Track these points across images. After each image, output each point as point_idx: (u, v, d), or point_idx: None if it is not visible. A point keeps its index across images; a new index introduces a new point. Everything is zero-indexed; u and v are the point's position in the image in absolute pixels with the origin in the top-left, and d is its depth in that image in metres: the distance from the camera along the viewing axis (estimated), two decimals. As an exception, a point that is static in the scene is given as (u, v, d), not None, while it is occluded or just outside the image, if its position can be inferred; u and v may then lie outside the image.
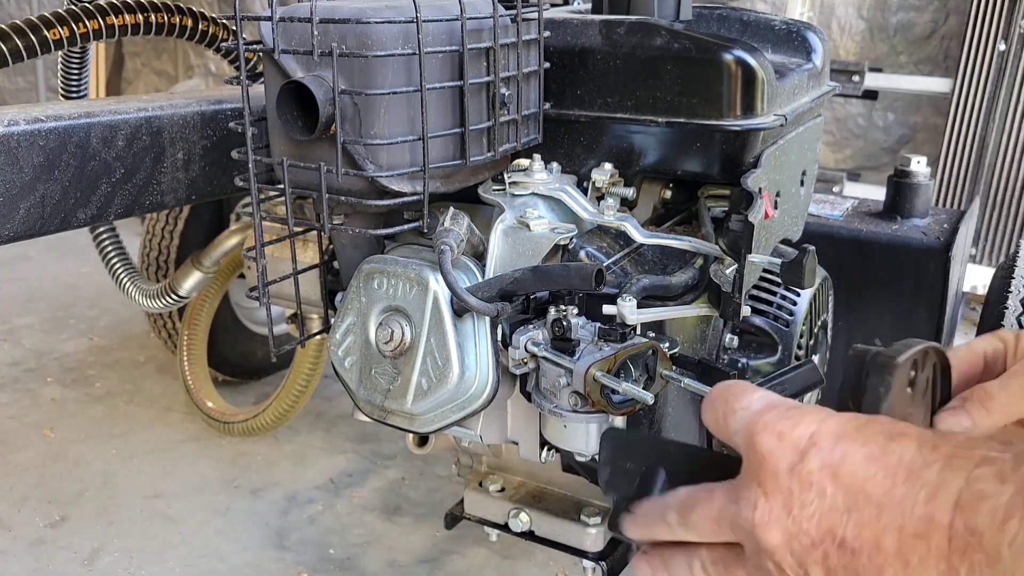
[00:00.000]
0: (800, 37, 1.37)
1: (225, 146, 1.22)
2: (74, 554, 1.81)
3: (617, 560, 1.27)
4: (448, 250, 0.99)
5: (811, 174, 1.35)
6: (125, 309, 3.01)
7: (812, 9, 3.31)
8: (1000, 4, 2.84)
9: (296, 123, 0.95)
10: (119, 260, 1.82)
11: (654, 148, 1.12)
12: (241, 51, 0.95)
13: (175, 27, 1.47)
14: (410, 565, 1.79)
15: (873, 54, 3.31)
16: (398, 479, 2.09)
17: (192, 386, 2.07)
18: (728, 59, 1.06)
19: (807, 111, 1.25)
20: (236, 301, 2.38)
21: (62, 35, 1.28)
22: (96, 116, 1.08)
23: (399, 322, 1.03)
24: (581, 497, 1.29)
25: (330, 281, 1.25)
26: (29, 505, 1.96)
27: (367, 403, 1.09)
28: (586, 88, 1.14)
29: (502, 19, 1.02)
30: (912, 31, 3.24)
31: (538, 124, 1.12)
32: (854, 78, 2.98)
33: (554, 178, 1.11)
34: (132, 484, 2.05)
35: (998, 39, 2.86)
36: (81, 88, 1.62)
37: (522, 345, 0.99)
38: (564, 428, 1.01)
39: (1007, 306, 1.41)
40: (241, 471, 2.11)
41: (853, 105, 3.39)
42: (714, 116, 1.07)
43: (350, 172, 0.96)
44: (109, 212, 1.13)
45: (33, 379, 2.56)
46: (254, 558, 1.80)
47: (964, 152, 2.97)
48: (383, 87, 0.93)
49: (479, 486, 1.33)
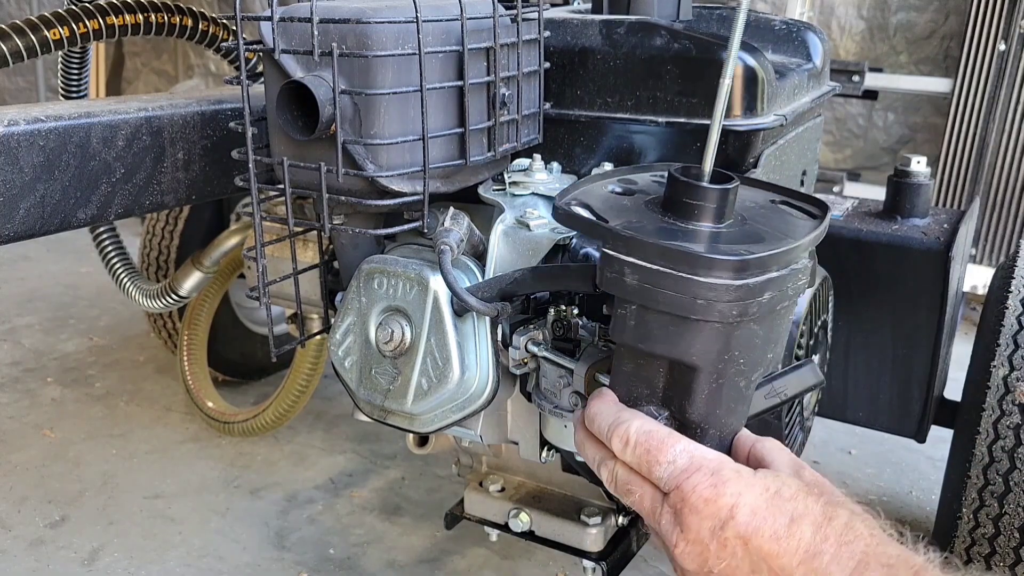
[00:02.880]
0: (800, 37, 1.37)
1: (225, 146, 1.22)
2: (74, 554, 1.81)
3: (617, 560, 1.27)
4: (448, 250, 0.99)
5: (811, 174, 1.35)
6: (125, 309, 3.01)
7: (812, 9, 3.31)
8: (1000, 4, 2.84)
9: (296, 123, 0.95)
10: (119, 260, 1.81)
11: (654, 148, 1.12)
12: (241, 51, 0.95)
13: (175, 27, 1.47)
14: (410, 565, 1.79)
15: (873, 54, 3.31)
16: (398, 479, 2.09)
17: (192, 386, 2.07)
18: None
19: (807, 111, 1.25)
20: (236, 301, 2.38)
21: (62, 35, 1.28)
22: (96, 116, 1.08)
23: (399, 322, 1.03)
24: (581, 497, 1.29)
25: (330, 281, 1.25)
26: (29, 505, 1.96)
27: (367, 403, 1.09)
28: (586, 88, 1.14)
29: (502, 19, 1.02)
30: (912, 31, 3.24)
31: (538, 124, 1.12)
32: (854, 78, 2.98)
33: (554, 178, 1.11)
34: (132, 484, 2.05)
35: (998, 39, 2.86)
36: (81, 88, 1.62)
37: (523, 345, 0.99)
38: (564, 428, 1.01)
39: (1007, 306, 1.41)
40: (241, 471, 2.11)
41: (853, 105, 3.39)
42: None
43: (350, 172, 0.96)
44: (109, 212, 1.13)
45: (33, 379, 2.56)
46: (254, 558, 1.80)
47: (964, 152, 2.97)
48: (383, 87, 0.93)
49: (479, 486, 1.33)
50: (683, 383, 0.73)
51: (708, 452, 0.72)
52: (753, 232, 0.74)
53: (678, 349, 0.71)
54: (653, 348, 0.73)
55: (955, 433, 1.52)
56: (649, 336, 0.72)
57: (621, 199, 0.82)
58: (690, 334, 0.70)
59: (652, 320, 0.71)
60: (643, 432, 0.73)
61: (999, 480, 1.35)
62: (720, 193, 0.74)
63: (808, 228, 0.77)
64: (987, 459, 1.36)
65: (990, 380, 1.37)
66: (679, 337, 0.71)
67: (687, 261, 0.67)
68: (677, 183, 0.75)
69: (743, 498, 0.68)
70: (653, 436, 0.72)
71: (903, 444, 1.99)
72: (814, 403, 1.47)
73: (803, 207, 0.83)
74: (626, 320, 0.73)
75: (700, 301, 0.68)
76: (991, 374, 1.37)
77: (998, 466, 1.35)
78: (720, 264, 0.67)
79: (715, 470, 0.69)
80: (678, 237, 0.72)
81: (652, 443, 0.72)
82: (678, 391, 0.74)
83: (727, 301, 0.67)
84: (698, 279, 0.67)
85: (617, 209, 0.78)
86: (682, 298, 0.68)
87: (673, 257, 0.68)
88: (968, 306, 2.96)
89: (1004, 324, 1.39)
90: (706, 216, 0.74)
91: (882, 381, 1.56)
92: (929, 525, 1.77)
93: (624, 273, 0.70)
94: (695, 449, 0.72)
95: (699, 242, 0.72)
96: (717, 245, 0.71)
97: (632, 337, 0.73)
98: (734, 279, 0.67)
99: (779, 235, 0.74)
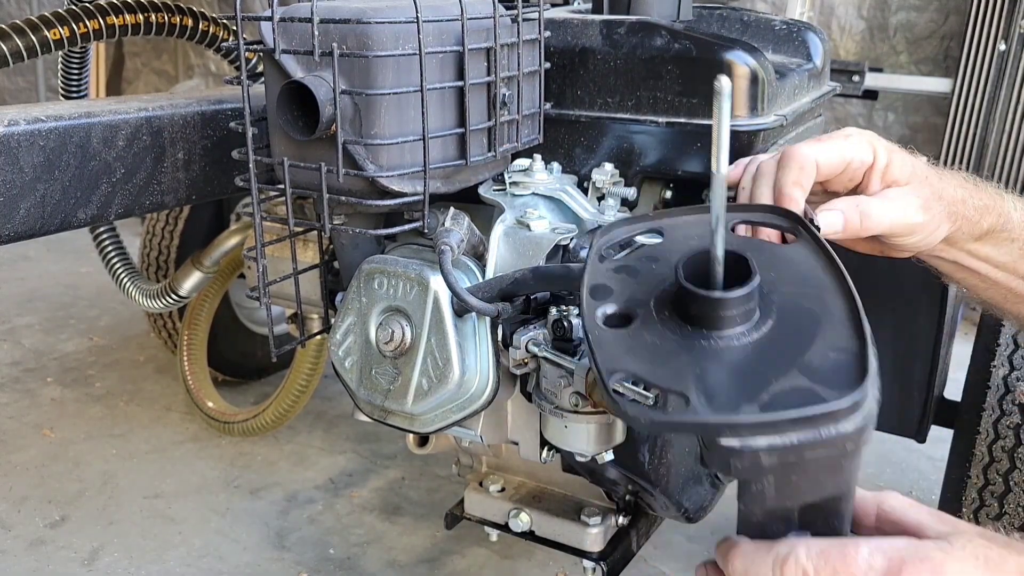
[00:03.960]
0: (800, 37, 1.37)
1: (225, 146, 1.22)
2: (74, 554, 1.81)
3: (617, 560, 1.27)
4: (448, 250, 0.99)
5: (811, 174, 1.35)
6: (125, 309, 3.01)
7: (812, 9, 3.31)
8: (1000, 4, 2.84)
9: (296, 123, 0.95)
10: (119, 260, 1.81)
11: (655, 148, 1.12)
12: (241, 51, 0.95)
13: (175, 27, 1.47)
14: (410, 565, 1.79)
15: (873, 54, 3.31)
16: (398, 479, 2.09)
17: (192, 386, 2.07)
18: (729, 59, 1.06)
19: (807, 111, 1.25)
20: (236, 301, 2.38)
21: (62, 35, 1.28)
22: (96, 116, 1.08)
23: (399, 322, 1.03)
24: (581, 497, 1.29)
25: (330, 281, 1.25)
26: (29, 505, 1.96)
27: (367, 403, 1.09)
28: (586, 88, 1.14)
29: (502, 19, 1.02)
30: (912, 31, 3.24)
31: (539, 124, 1.12)
32: (854, 78, 2.98)
33: (554, 178, 1.11)
34: (132, 484, 2.05)
35: (998, 39, 2.86)
36: (81, 88, 1.62)
37: (523, 345, 0.99)
38: (565, 428, 1.01)
39: (1007, 306, 1.41)
40: (241, 471, 2.11)
41: (853, 105, 3.39)
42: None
43: (351, 172, 0.96)
44: (109, 212, 1.13)
45: (33, 379, 2.56)
46: (254, 558, 1.80)
47: (964, 152, 2.97)
48: (384, 87, 0.93)
49: (479, 486, 1.33)
50: (828, 508, 0.66)
51: (894, 541, 0.64)
52: (794, 313, 0.67)
53: (827, 491, 0.65)
54: (801, 502, 0.66)
55: (955, 433, 1.52)
56: (795, 495, 0.65)
57: (630, 336, 0.69)
58: (837, 474, 0.64)
59: (797, 481, 0.64)
60: (816, 554, 0.63)
61: (999, 480, 1.35)
62: (748, 295, 0.65)
63: (829, 271, 0.69)
64: (987, 459, 1.36)
65: (990, 380, 1.37)
66: (827, 483, 0.64)
67: (830, 419, 0.59)
68: (710, 301, 0.65)
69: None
70: (829, 553, 0.63)
71: (903, 444, 1.99)
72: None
73: (771, 222, 0.76)
74: (764, 492, 0.65)
75: (851, 446, 0.61)
76: (991, 374, 1.37)
77: (998, 466, 1.35)
78: (856, 404, 0.60)
79: (923, 556, 0.62)
80: (772, 372, 0.63)
81: (834, 560, 0.63)
82: (821, 515, 0.67)
83: (861, 429, 0.60)
84: (846, 430, 0.59)
85: (650, 355, 0.67)
86: (834, 452, 0.61)
87: (814, 422, 0.60)
88: (968, 306, 2.96)
89: (1004, 324, 1.39)
90: (740, 320, 0.66)
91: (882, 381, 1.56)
92: (929, 525, 1.77)
93: (760, 459, 0.61)
94: (880, 544, 0.63)
95: (798, 370, 0.64)
96: (816, 367, 0.63)
97: (774, 502, 0.66)
98: (861, 408, 0.60)
99: (817, 306, 0.67)
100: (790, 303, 0.68)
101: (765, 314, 0.66)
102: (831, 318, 0.65)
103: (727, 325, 0.65)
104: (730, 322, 0.65)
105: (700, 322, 0.66)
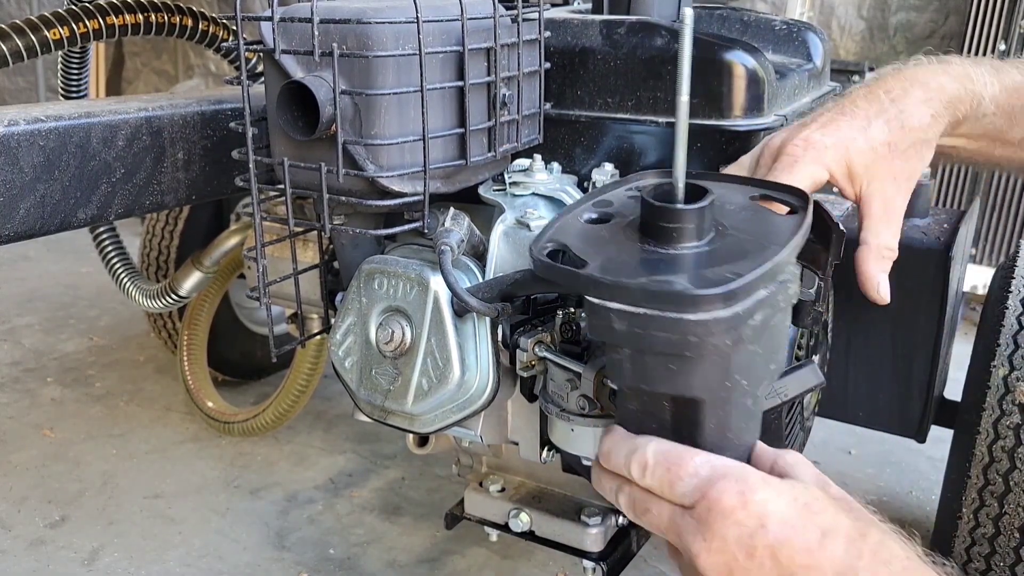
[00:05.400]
0: (800, 37, 1.37)
1: (225, 146, 1.22)
2: (74, 554, 1.81)
3: (617, 560, 1.27)
4: (448, 250, 0.99)
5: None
6: (125, 309, 3.01)
7: (812, 9, 3.31)
8: (1000, 4, 2.84)
9: (296, 123, 0.95)
10: (119, 260, 1.81)
11: (655, 148, 1.12)
12: (241, 51, 0.95)
13: (175, 27, 1.47)
14: (410, 565, 1.79)
15: (873, 54, 3.31)
16: (398, 479, 2.09)
17: (192, 386, 2.07)
18: (729, 59, 1.06)
19: (808, 111, 1.25)
20: (236, 301, 2.38)
21: (62, 35, 1.28)
22: (96, 116, 1.08)
23: (399, 322, 1.03)
24: (581, 497, 1.29)
25: (330, 281, 1.25)
26: (29, 505, 1.96)
27: (367, 403, 1.09)
28: (586, 88, 1.14)
29: (502, 19, 1.02)
30: (912, 31, 3.24)
31: (539, 124, 1.12)
32: (854, 78, 2.98)
33: (554, 178, 1.11)
34: (132, 484, 2.05)
35: (998, 39, 2.86)
36: (81, 88, 1.62)
37: (530, 347, 0.99)
38: (572, 432, 1.00)
39: (1007, 306, 1.41)
40: (241, 471, 2.11)
41: (853, 105, 3.38)
42: (715, 116, 1.07)
43: (351, 172, 0.96)
44: (109, 212, 1.13)
45: (33, 379, 2.56)
46: (254, 558, 1.80)
47: (964, 152, 2.97)
48: (384, 87, 0.93)
49: (479, 486, 1.33)
50: (690, 415, 0.71)
51: (730, 462, 0.69)
52: (736, 246, 0.72)
53: (679, 386, 0.69)
54: (654, 387, 0.71)
55: (955, 433, 1.52)
56: (647, 377, 0.70)
57: (598, 230, 0.79)
58: (688, 370, 0.68)
59: (648, 361, 0.69)
60: (660, 452, 0.70)
61: (999, 480, 1.35)
62: (696, 212, 0.71)
63: (791, 228, 0.74)
64: (987, 459, 1.36)
65: (990, 380, 1.37)
66: (678, 375, 0.69)
67: (673, 300, 0.64)
68: (651, 208, 0.73)
69: (772, 506, 0.65)
70: (671, 454, 0.70)
71: (903, 444, 1.99)
72: (814, 403, 1.47)
73: (783, 199, 0.81)
74: (621, 364, 0.71)
75: (693, 338, 0.65)
76: (991, 374, 1.37)
77: (998, 466, 1.35)
78: (707, 299, 0.64)
79: (741, 477, 0.67)
80: (660, 269, 0.70)
81: (671, 461, 0.69)
82: (686, 423, 0.72)
83: (720, 332, 0.65)
84: (688, 317, 0.64)
85: (596, 243, 0.76)
86: (674, 338, 0.65)
87: (659, 299, 0.65)
88: (968, 306, 2.96)
89: (1004, 324, 1.39)
90: (685, 237, 0.72)
91: (882, 381, 1.56)
92: (929, 525, 1.77)
93: (611, 320, 0.68)
94: (716, 460, 0.69)
95: (682, 271, 0.69)
96: (701, 273, 0.69)
97: (631, 379, 0.72)
98: (723, 310, 0.64)
99: (762, 243, 0.71)
100: (734, 244, 0.73)
101: (704, 243, 0.73)
102: (753, 257, 0.70)
103: (671, 238, 0.72)
104: (669, 234, 0.72)
105: (647, 231, 0.74)
